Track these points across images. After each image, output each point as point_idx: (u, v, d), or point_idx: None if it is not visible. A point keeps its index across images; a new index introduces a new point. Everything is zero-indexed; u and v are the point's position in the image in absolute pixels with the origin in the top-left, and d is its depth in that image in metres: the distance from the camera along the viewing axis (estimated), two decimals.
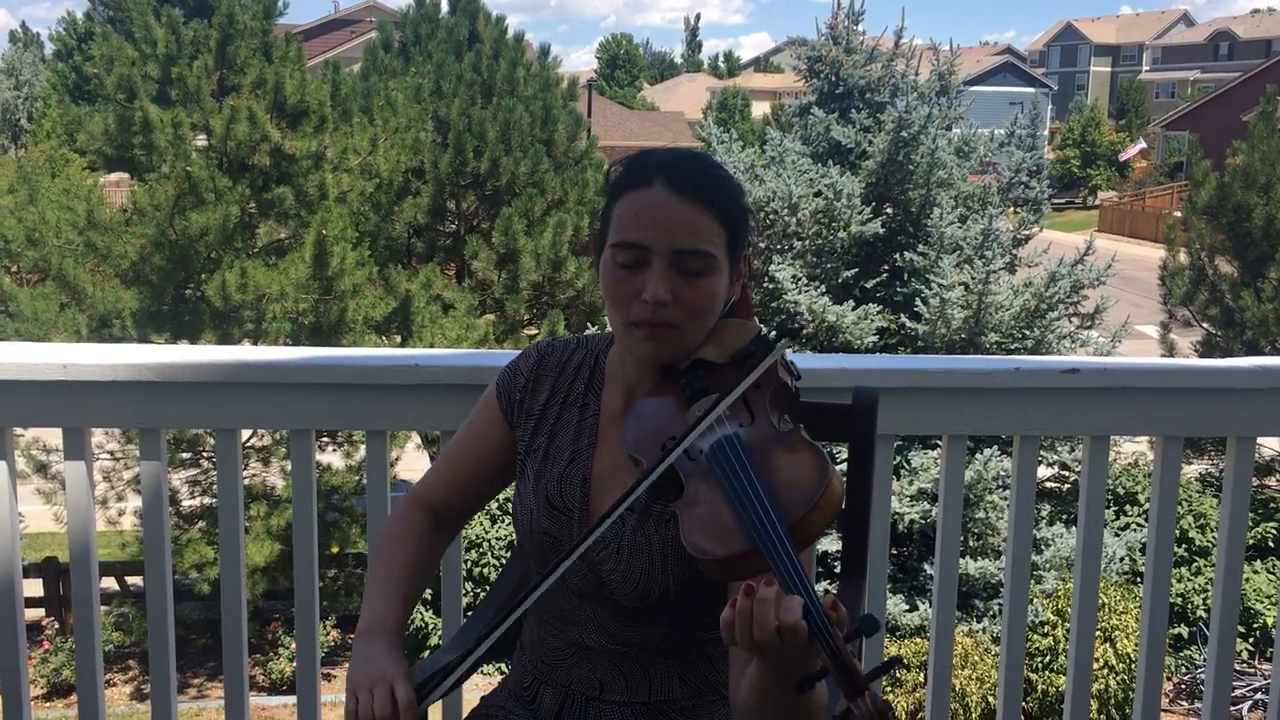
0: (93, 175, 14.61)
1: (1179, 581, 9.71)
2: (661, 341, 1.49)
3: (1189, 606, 9.67)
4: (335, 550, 10.38)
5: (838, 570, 1.93)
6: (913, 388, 2.17)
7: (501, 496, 9.20)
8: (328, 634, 10.21)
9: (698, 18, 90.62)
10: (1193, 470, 11.71)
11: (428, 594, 9.34)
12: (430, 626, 9.35)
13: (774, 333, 1.50)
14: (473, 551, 9.63)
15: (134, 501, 10.03)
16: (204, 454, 10.13)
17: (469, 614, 1.92)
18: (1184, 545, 9.93)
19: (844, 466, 1.88)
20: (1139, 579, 9.15)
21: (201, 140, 10.27)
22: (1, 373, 2.05)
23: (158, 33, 10.02)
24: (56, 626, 10.30)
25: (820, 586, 8.25)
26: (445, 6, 14.74)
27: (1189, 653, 9.49)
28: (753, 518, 1.27)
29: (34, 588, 10.31)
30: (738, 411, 1.43)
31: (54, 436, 8.99)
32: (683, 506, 1.37)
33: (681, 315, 1.48)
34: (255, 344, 10.21)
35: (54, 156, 22.22)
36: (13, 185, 10.49)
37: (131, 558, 10.34)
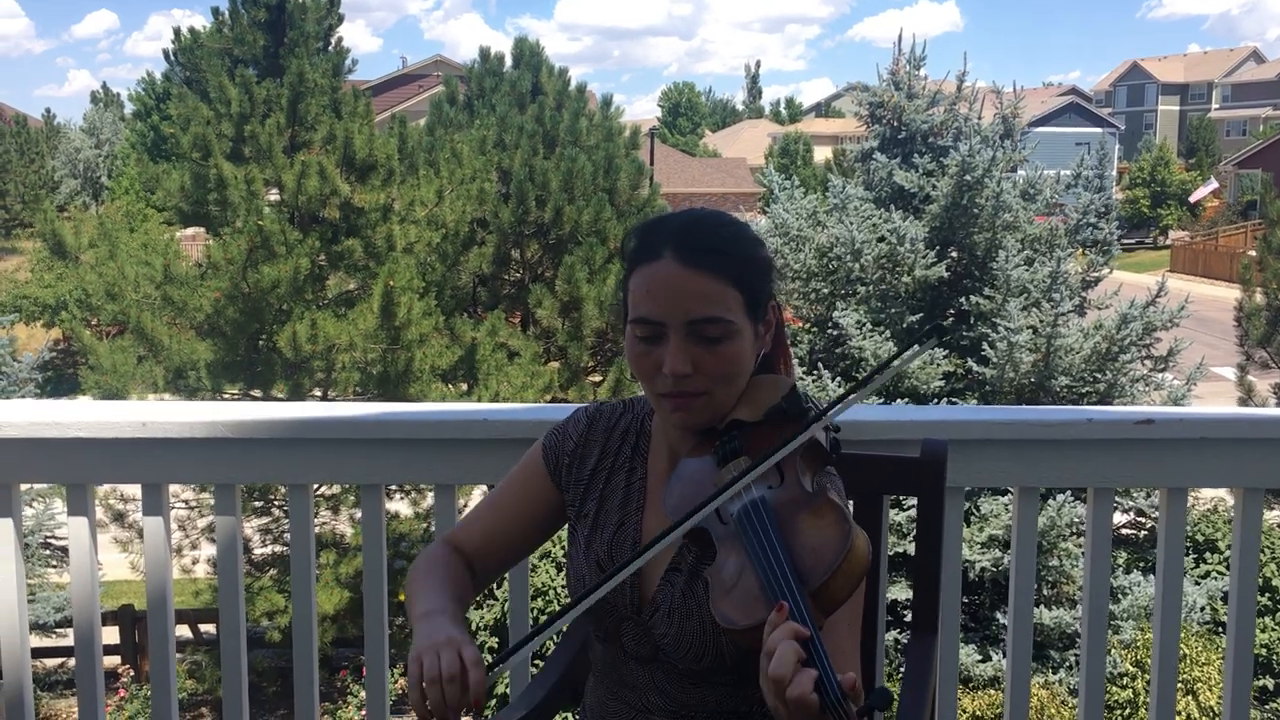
0: (170, 230, 15.04)
1: (1263, 631, 9.39)
2: (691, 411, 1.49)
3: (1274, 657, 9.34)
4: (403, 598, 10.43)
5: (908, 620, 1.90)
6: (983, 439, 2.15)
7: (558, 551, 9.10)
8: (396, 682, 10.24)
9: (758, 64, 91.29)
10: (1274, 516, 11.36)
11: (494, 643, 9.33)
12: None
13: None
14: (539, 600, 9.62)
15: (208, 550, 10.18)
16: (275, 503, 10.28)
17: (537, 663, 1.93)
18: (1267, 594, 9.61)
19: (912, 513, 1.86)
20: (1221, 629, 8.87)
21: (273, 195, 10.53)
22: (83, 430, 2.11)
23: (232, 92, 10.33)
24: (132, 674, 10.45)
25: (890, 636, 7.97)
26: (509, 60, 15.03)
27: (1275, 705, 9.16)
28: (774, 586, 1.26)
29: (110, 635, 10.49)
30: (768, 472, 1.42)
31: (132, 487, 9.19)
32: (713, 572, 1.36)
33: (706, 383, 1.47)
34: (325, 393, 10.37)
35: (132, 212, 22.90)
36: (93, 241, 10.82)
37: (205, 605, 10.49)
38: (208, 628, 10.67)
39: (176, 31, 11.80)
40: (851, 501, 1.81)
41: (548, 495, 1.68)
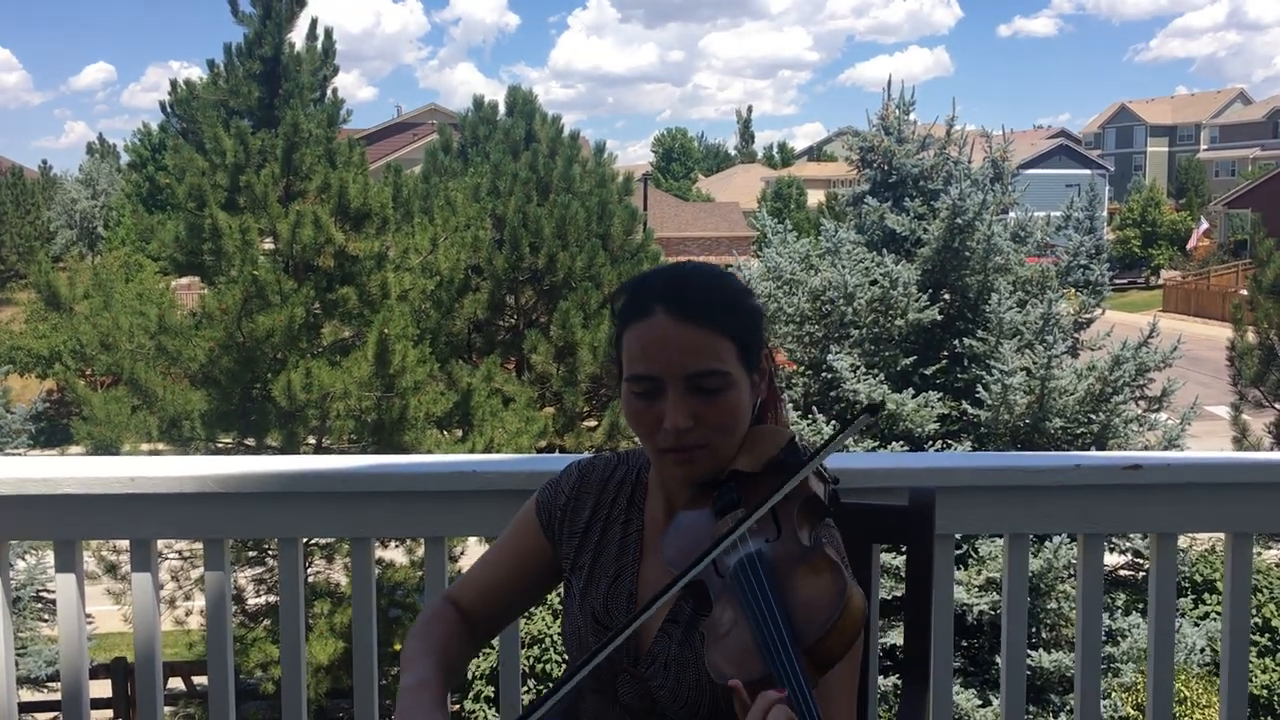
0: (164, 279, 15.05)
1: (1263, 672, 9.34)
2: (693, 464, 1.50)
3: (1275, 698, 9.28)
4: (397, 648, 10.35)
5: (902, 658, 1.89)
6: (971, 486, 2.15)
7: (554, 598, 9.06)
8: None
9: (750, 109, 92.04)
10: (1272, 555, 11.33)
11: (489, 692, 9.25)
12: None
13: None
14: (534, 648, 9.56)
15: (201, 601, 10.10)
16: (269, 552, 10.21)
17: None
18: (1266, 634, 9.57)
19: (905, 558, 1.86)
20: None
21: (268, 244, 10.55)
22: (71, 486, 2.11)
23: (227, 143, 10.38)
24: None
25: (889, 680, 7.88)
26: (503, 108, 15.17)
27: None
28: (768, 642, 1.26)
29: (103, 689, 10.37)
30: (765, 525, 1.42)
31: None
32: (708, 626, 1.36)
33: (707, 435, 1.48)
34: (320, 441, 10.34)
35: (128, 262, 22.92)
36: (88, 291, 10.82)
37: (198, 657, 10.38)
38: (201, 680, 10.56)
39: (173, 83, 11.82)
40: None
41: (542, 550, 1.68)
